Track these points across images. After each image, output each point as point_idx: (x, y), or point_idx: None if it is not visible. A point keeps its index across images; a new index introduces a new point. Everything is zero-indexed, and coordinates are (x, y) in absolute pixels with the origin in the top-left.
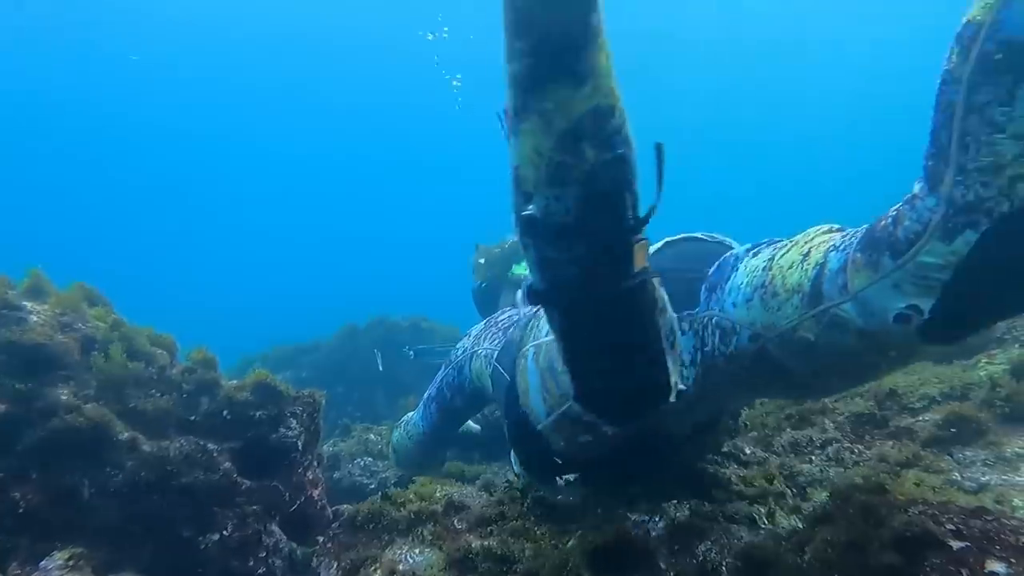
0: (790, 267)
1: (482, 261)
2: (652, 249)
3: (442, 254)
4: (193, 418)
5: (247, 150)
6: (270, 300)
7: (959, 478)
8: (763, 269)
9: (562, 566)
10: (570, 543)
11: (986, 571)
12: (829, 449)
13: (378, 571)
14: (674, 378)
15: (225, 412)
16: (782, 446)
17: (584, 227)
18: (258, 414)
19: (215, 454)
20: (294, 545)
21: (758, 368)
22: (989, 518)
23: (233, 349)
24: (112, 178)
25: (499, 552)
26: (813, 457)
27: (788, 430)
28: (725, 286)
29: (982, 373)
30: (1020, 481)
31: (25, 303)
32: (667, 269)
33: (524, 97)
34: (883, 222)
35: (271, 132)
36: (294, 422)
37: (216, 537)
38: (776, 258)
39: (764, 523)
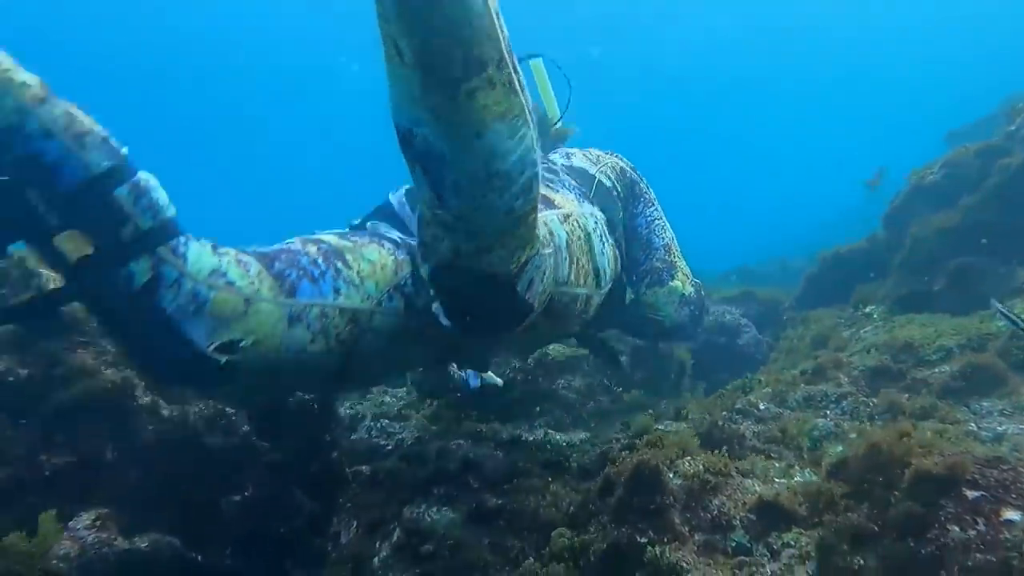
0: None
1: None
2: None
3: None
4: None
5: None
6: None
7: (975, 428)
8: None
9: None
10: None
11: (1002, 519)
12: (844, 403)
13: (397, 529)
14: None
15: None
16: (796, 401)
17: None
18: None
19: (234, 417)
20: (315, 505)
21: None
22: (1006, 467)
23: None
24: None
25: (515, 507)
26: (828, 411)
27: (802, 385)
28: None
29: (1000, 323)
30: None
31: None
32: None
33: None
34: None
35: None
36: None
37: (237, 498)
38: None
39: (779, 477)
